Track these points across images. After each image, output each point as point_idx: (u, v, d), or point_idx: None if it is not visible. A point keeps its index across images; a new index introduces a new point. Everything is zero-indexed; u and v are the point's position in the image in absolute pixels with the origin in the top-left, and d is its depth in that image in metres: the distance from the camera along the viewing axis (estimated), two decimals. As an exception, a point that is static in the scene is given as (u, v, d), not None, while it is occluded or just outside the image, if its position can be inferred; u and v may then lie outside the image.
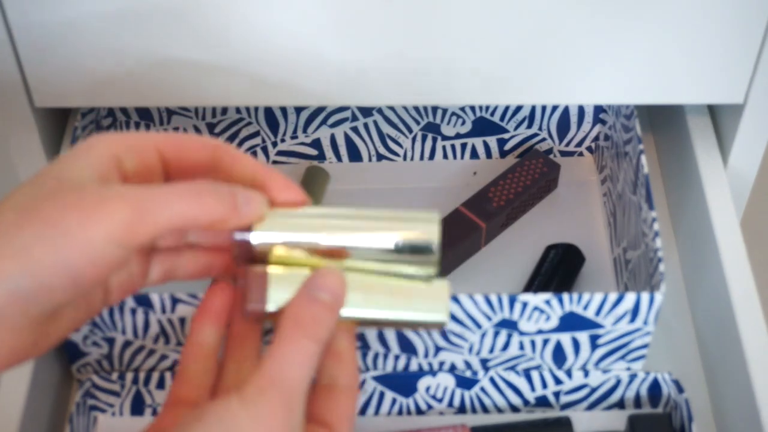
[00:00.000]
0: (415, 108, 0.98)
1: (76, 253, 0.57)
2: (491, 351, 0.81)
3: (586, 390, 0.83)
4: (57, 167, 0.61)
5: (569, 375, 0.82)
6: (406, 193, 0.99)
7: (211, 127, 0.98)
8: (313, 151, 1.00)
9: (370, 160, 1.01)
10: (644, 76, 0.84)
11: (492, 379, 0.82)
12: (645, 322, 0.79)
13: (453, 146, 1.00)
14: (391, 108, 0.98)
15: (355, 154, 1.00)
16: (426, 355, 0.81)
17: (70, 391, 0.85)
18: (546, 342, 0.81)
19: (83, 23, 0.79)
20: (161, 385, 0.82)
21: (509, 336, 0.80)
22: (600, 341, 0.81)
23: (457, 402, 0.84)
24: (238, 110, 0.98)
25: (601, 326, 0.80)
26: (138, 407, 0.83)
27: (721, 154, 0.89)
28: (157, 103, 0.85)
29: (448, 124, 0.99)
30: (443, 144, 1.00)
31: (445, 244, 0.92)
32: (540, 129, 0.99)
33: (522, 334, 0.80)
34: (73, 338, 0.81)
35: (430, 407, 0.84)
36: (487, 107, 0.98)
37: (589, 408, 0.84)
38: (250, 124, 0.98)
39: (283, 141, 0.99)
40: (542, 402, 0.84)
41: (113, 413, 0.84)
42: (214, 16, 0.79)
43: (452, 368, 0.82)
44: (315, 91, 0.84)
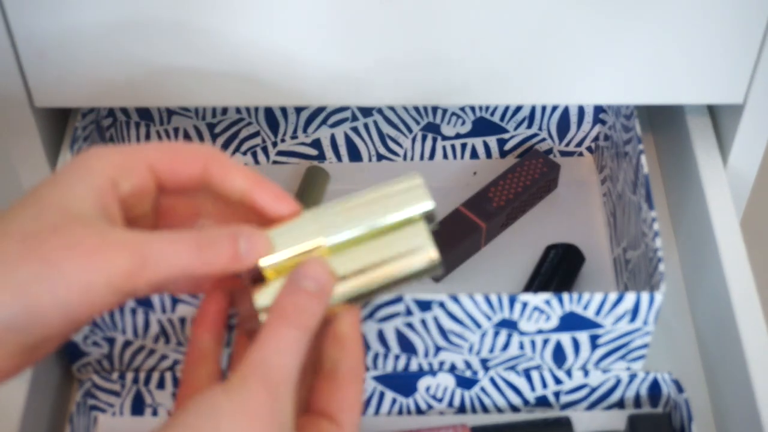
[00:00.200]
0: (415, 108, 0.98)
1: (74, 295, 0.59)
2: (491, 351, 0.81)
3: (586, 390, 0.83)
4: (59, 193, 0.62)
5: (569, 375, 0.82)
6: (406, 193, 0.98)
7: (211, 127, 0.98)
8: (313, 151, 1.00)
9: (370, 160, 1.01)
10: (644, 76, 0.84)
11: (492, 379, 0.82)
12: (645, 322, 0.79)
13: (453, 146, 1.00)
14: (391, 108, 0.98)
15: (355, 154, 1.00)
16: (426, 355, 0.81)
17: (70, 391, 0.85)
18: (546, 342, 0.81)
19: (83, 23, 0.79)
20: (161, 385, 0.82)
21: (509, 336, 0.80)
22: (600, 341, 0.81)
23: (457, 402, 0.84)
24: (238, 110, 0.98)
25: (601, 326, 0.80)
26: (138, 407, 0.83)
27: (721, 154, 0.89)
28: (157, 103, 0.85)
29: (448, 124, 0.99)
30: (443, 144, 1.00)
31: (445, 244, 0.92)
32: (540, 129, 0.99)
33: (522, 334, 0.80)
34: (74, 338, 0.81)
35: (430, 407, 0.84)
36: (487, 107, 0.98)
37: (589, 408, 0.84)
38: (250, 124, 0.98)
39: (283, 141, 0.99)
40: (542, 402, 0.84)
41: (113, 413, 0.84)
42: (214, 17, 0.79)
43: (452, 368, 0.82)
44: (315, 91, 0.84)
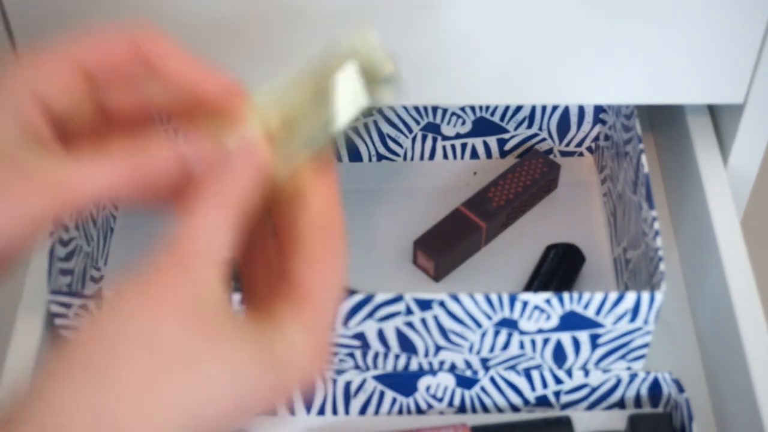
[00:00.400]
0: (415, 108, 0.98)
1: None
2: (491, 350, 0.81)
3: (587, 389, 0.83)
4: None
5: (569, 374, 0.82)
6: (406, 193, 0.99)
7: (211, 127, 0.98)
8: (313, 151, 1.00)
9: (370, 160, 1.01)
10: (644, 76, 0.84)
11: (492, 379, 0.82)
12: (645, 322, 0.79)
13: (453, 146, 1.00)
14: (391, 108, 0.98)
15: (355, 154, 1.00)
16: (426, 355, 0.81)
17: (70, 390, 0.85)
18: (546, 341, 0.80)
19: (83, 22, 0.79)
20: (161, 385, 0.82)
21: (509, 335, 0.80)
22: (600, 341, 0.81)
23: (457, 401, 0.84)
24: (238, 110, 0.97)
25: (602, 326, 0.80)
26: (138, 407, 0.83)
27: (722, 154, 0.89)
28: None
29: (448, 124, 0.99)
30: (443, 144, 1.00)
31: (445, 244, 0.92)
32: (540, 129, 0.99)
33: (522, 333, 0.80)
34: (73, 338, 0.81)
35: (430, 407, 0.84)
36: (487, 107, 0.98)
37: (590, 408, 0.84)
38: (250, 124, 0.98)
39: (283, 141, 0.99)
40: (542, 401, 0.84)
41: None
42: (214, 16, 0.79)
43: (452, 368, 0.82)
44: (315, 91, 0.84)
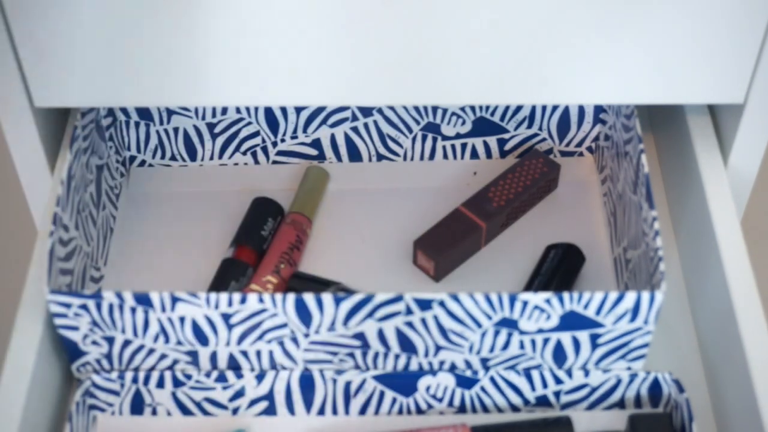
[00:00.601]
0: (415, 108, 0.98)
1: None
2: (491, 350, 0.81)
3: (587, 389, 0.83)
4: None
5: (570, 374, 0.82)
6: (406, 193, 0.99)
7: (211, 127, 0.98)
8: (313, 151, 1.00)
9: (370, 160, 1.01)
10: (645, 76, 0.84)
11: (492, 379, 0.82)
12: (645, 322, 0.79)
13: (453, 146, 1.00)
14: (391, 108, 0.98)
15: (355, 154, 1.00)
16: (426, 355, 0.81)
17: (69, 390, 0.85)
18: (546, 341, 0.80)
19: (83, 23, 0.79)
20: (161, 385, 0.82)
21: (509, 335, 0.80)
22: (600, 341, 0.81)
23: (457, 401, 0.84)
24: (238, 110, 0.98)
25: (602, 325, 0.79)
26: (138, 406, 0.83)
27: (722, 154, 0.89)
28: (157, 103, 0.85)
29: (448, 124, 0.99)
30: (443, 144, 1.00)
31: (445, 244, 0.92)
32: (540, 129, 0.99)
33: (522, 333, 0.80)
34: (73, 337, 0.81)
35: (430, 407, 0.84)
36: (487, 107, 0.98)
37: (590, 408, 0.84)
38: (250, 124, 0.98)
39: (283, 141, 0.99)
40: (542, 401, 0.84)
41: (113, 412, 0.83)
42: (214, 17, 0.79)
43: (452, 368, 0.82)
44: (315, 91, 0.84)
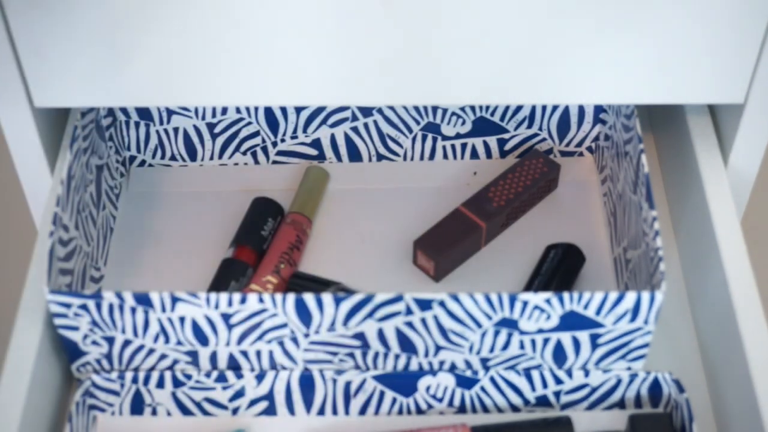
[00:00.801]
0: (415, 108, 0.98)
1: None
2: (491, 350, 0.81)
3: (587, 390, 0.83)
4: None
5: (570, 375, 0.82)
6: (406, 193, 0.99)
7: (211, 127, 0.98)
8: (313, 151, 1.00)
9: (370, 160, 1.01)
10: (645, 76, 0.84)
11: (492, 379, 0.82)
12: (645, 322, 0.79)
13: (453, 146, 1.00)
14: (391, 108, 0.98)
15: (355, 154, 1.00)
16: (426, 355, 0.81)
17: (69, 390, 0.85)
18: (546, 341, 0.80)
19: (83, 23, 0.79)
20: (161, 385, 0.82)
21: (509, 335, 0.80)
22: (600, 341, 0.81)
23: (457, 402, 0.83)
24: (238, 110, 0.97)
25: (602, 325, 0.79)
26: (138, 406, 0.83)
27: (722, 154, 0.89)
28: (157, 103, 0.85)
29: (448, 124, 0.99)
30: (443, 144, 1.00)
31: (445, 244, 0.92)
32: (540, 129, 0.99)
33: (522, 333, 0.80)
34: (73, 337, 0.80)
35: (430, 407, 0.84)
36: (487, 107, 0.98)
37: (590, 408, 0.84)
38: (250, 124, 0.98)
39: (283, 141, 0.99)
40: (542, 402, 0.84)
41: (113, 412, 0.83)
42: (214, 16, 0.79)
43: (452, 368, 0.82)
44: (315, 91, 0.84)
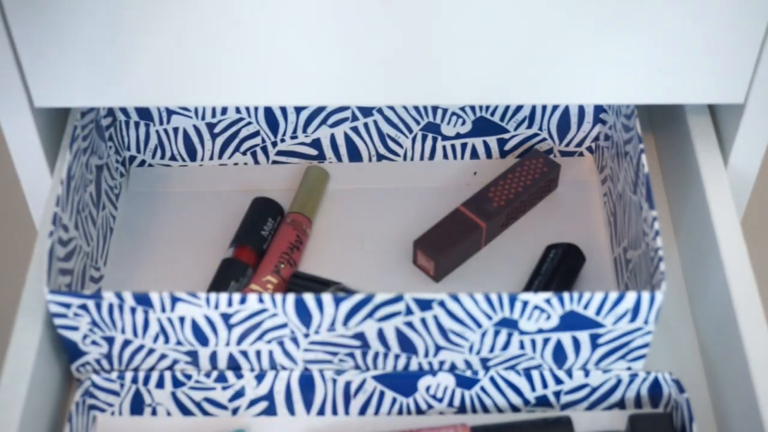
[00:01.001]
0: (415, 108, 0.98)
1: None
2: (491, 350, 0.81)
3: (587, 390, 0.83)
4: None
5: (570, 375, 0.82)
6: (406, 193, 0.98)
7: (211, 127, 0.98)
8: (313, 151, 1.00)
9: (370, 160, 1.01)
10: (645, 76, 0.84)
11: (492, 379, 0.82)
12: (645, 322, 0.79)
13: (453, 146, 1.00)
14: (391, 108, 0.98)
15: (355, 154, 1.00)
16: (426, 355, 0.81)
17: (69, 390, 0.85)
18: (546, 341, 0.80)
19: (83, 23, 0.79)
20: (161, 385, 0.82)
21: (509, 335, 0.80)
22: (600, 341, 0.81)
23: (457, 402, 0.83)
24: (238, 110, 0.97)
25: (602, 326, 0.79)
26: (137, 407, 0.83)
27: (722, 154, 0.89)
28: (157, 103, 0.85)
29: (448, 124, 0.99)
30: (443, 144, 1.00)
31: (445, 244, 0.92)
32: (540, 129, 0.99)
33: (522, 333, 0.80)
34: (73, 337, 0.80)
35: (430, 407, 0.84)
36: (487, 107, 0.98)
37: (590, 408, 0.84)
38: (250, 124, 0.98)
39: (283, 141, 0.99)
40: (542, 402, 0.84)
41: (113, 413, 0.83)
42: (214, 16, 0.79)
43: (452, 368, 0.82)
44: (315, 91, 0.84)
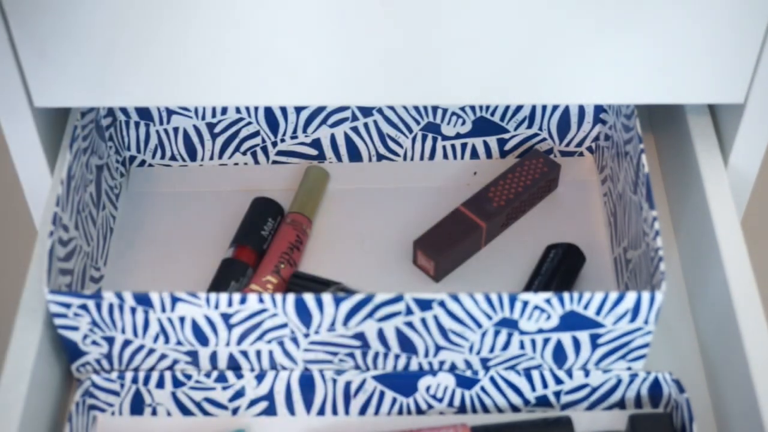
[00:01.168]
0: (415, 108, 0.98)
1: None
2: (491, 350, 0.81)
3: (587, 390, 0.83)
4: None
5: (570, 375, 0.82)
6: (406, 193, 0.98)
7: (211, 127, 0.98)
8: (313, 151, 1.00)
9: (370, 160, 1.01)
10: (645, 76, 0.84)
11: (492, 379, 0.82)
12: (645, 322, 0.79)
13: (453, 146, 1.00)
14: (391, 108, 0.98)
15: (355, 154, 1.00)
16: (426, 355, 0.81)
17: (69, 390, 0.85)
18: (546, 341, 0.80)
19: (83, 23, 0.79)
20: (161, 385, 0.82)
21: (509, 335, 0.80)
22: (600, 341, 0.81)
23: (457, 402, 0.83)
24: (238, 110, 0.97)
25: (602, 325, 0.79)
26: (137, 407, 0.83)
27: (722, 154, 0.89)
28: (157, 103, 0.85)
29: (448, 124, 0.99)
30: (443, 144, 1.00)
31: (445, 244, 0.92)
32: (540, 129, 0.99)
33: (522, 333, 0.80)
34: (73, 337, 0.80)
35: (430, 407, 0.84)
36: (487, 107, 0.98)
37: (590, 408, 0.84)
38: (250, 124, 0.98)
39: (283, 141, 0.99)
40: (543, 402, 0.84)
41: (113, 413, 0.83)
42: (214, 16, 0.79)
43: (452, 368, 0.82)
44: (315, 91, 0.84)
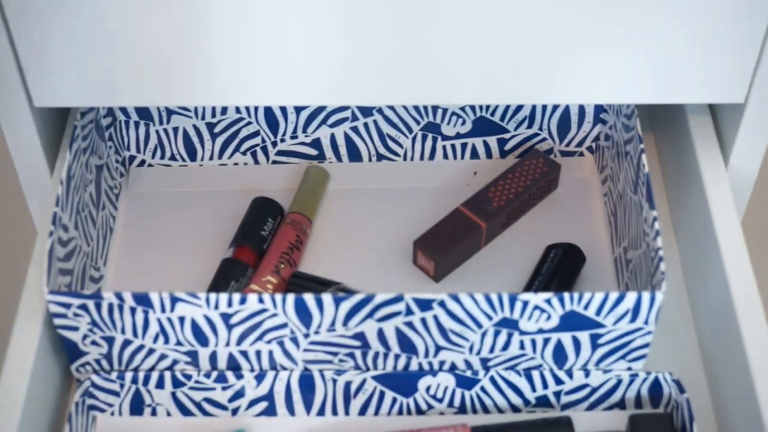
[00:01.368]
0: (415, 108, 0.98)
1: None
2: (492, 350, 0.81)
3: (587, 390, 0.83)
4: None
5: (570, 375, 0.82)
6: (406, 193, 0.98)
7: (211, 127, 0.98)
8: (313, 151, 1.00)
9: (370, 160, 1.01)
10: (645, 76, 0.84)
11: (492, 379, 0.82)
12: (646, 322, 0.79)
13: (453, 146, 1.00)
14: (391, 108, 0.98)
15: (355, 154, 1.00)
16: (426, 355, 0.81)
17: (69, 390, 0.84)
18: (547, 341, 0.80)
19: (83, 23, 0.79)
20: (161, 385, 0.82)
21: (510, 335, 0.80)
22: (601, 341, 0.80)
23: (457, 402, 0.83)
24: (238, 110, 0.97)
25: (602, 326, 0.79)
26: (137, 407, 0.83)
27: (722, 154, 0.89)
28: (157, 103, 0.85)
29: (448, 124, 0.99)
30: (443, 144, 1.00)
31: (445, 244, 0.92)
32: (540, 129, 0.99)
33: (522, 333, 0.80)
34: (73, 338, 0.80)
35: (430, 407, 0.84)
36: (487, 107, 0.98)
37: (590, 408, 0.84)
38: (250, 124, 0.98)
39: (283, 141, 0.99)
40: (543, 402, 0.84)
41: (112, 413, 0.83)
42: (214, 16, 0.79)
43: (452, 368, 0.82)
44: (315, 91, 0.84)
